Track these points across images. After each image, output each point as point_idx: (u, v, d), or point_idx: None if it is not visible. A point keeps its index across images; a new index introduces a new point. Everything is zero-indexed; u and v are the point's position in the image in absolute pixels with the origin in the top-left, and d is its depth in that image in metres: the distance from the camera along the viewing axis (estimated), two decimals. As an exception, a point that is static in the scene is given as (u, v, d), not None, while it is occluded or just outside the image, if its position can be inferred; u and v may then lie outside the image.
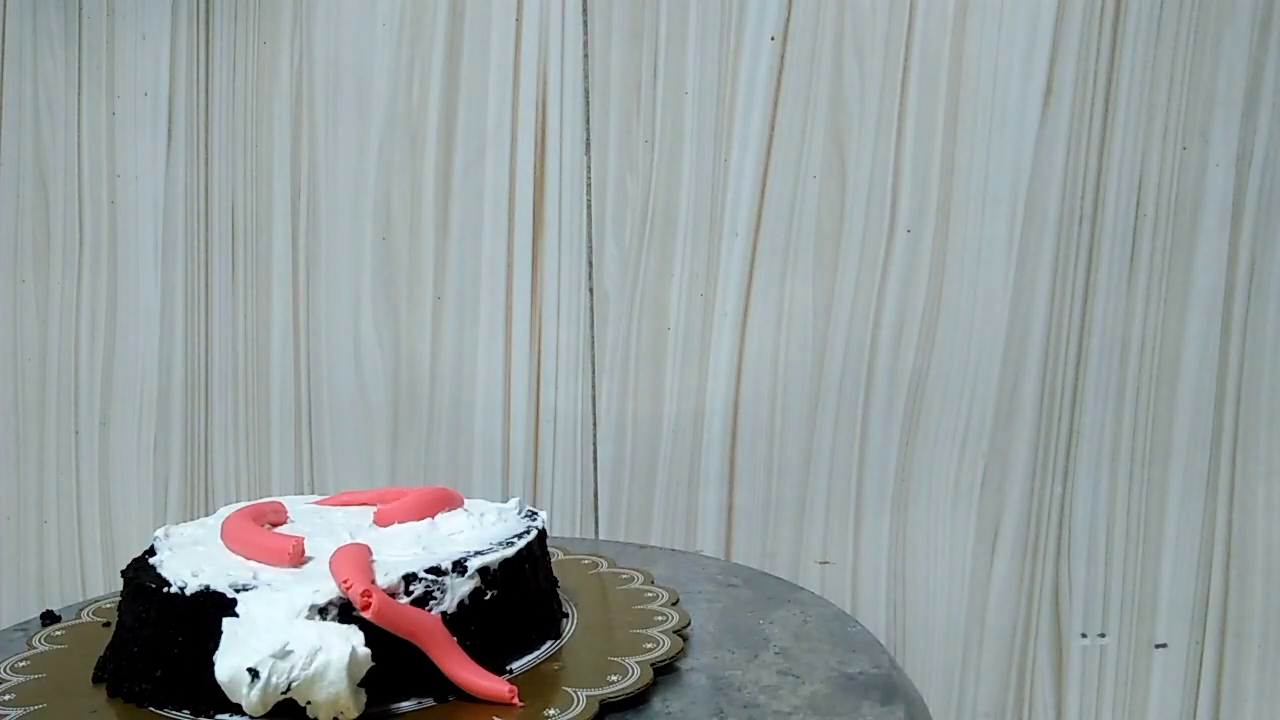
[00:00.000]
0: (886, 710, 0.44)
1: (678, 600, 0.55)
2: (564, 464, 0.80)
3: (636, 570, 0.60)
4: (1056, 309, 0.75)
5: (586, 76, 0.78)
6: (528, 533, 0.50)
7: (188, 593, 0.43)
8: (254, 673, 0.39)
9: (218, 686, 0.40)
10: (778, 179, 0.76)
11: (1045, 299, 0.75)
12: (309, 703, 0.39)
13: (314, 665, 0.39)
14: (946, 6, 0.73)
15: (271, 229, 0.83)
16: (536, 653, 0.48)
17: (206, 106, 0.83)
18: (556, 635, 0.50)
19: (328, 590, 0.42)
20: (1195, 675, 0.76)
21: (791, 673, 0.48)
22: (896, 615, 0.78)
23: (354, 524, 0.51)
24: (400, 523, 0.50)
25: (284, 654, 0.39)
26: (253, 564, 0.45)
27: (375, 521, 0.51)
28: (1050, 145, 0.73)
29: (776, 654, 0.50)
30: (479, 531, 0.49)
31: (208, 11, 0.82)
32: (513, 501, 0.54)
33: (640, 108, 0.77)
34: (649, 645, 0.48)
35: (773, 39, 0.75)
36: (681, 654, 0.49)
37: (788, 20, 0.75)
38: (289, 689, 0.39)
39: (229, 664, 0.39)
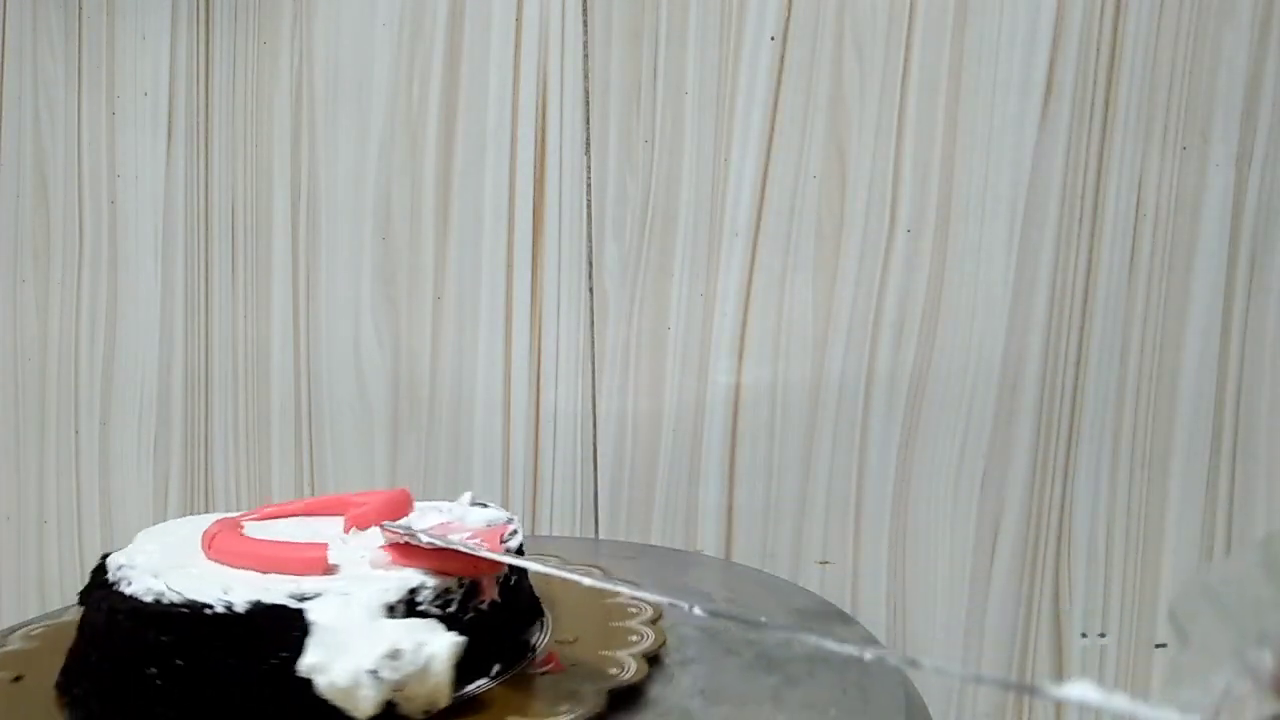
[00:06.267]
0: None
1: (658, 618, 0.54)
2: (564, 463, 0.80)
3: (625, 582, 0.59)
4: (1056, 309, 0.75)
5: (586, 77, 0.78)
6: (516, 532, 0.50)
7: (238, 610, 0.40)
8: (374, 674, 0.39)
9: (284, 702, 0.39)
10: (778, 179, 0.76)
11: (1045, 299, 0.75)
12: (406, 697, 0.40)
13: (422, 659, 0.40)
14: (946, 6, 0.73)
15: (271, 229, 0.83)
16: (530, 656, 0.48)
17: (206, 106, 0.83)
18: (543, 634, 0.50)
19: (396, 588, 0.42)
20: (1195, 675, 0.76)
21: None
22: (896, 615, 0.78)
23: (328, 532, 0.49)
24: (377, 525, 0.50)
25: (396, 653, 0.39)
26: (269, 576, 0.43)
27: (352, 528, 0.49)
28: (1050, 145, 0.73)
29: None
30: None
31: (208, 11, 0.82)
32: (465, 496, 0.53)
33: (640, 108, 0.77)
34: (634, 638, 0.49)
35: (773, 39, 0.75)
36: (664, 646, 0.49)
37: (788, 20, 0.75)
38: (401, 686, 0.40)
39: (344, 669, 0.39)
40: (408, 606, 0.42)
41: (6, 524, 0.88)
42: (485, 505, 0.52)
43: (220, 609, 0.41)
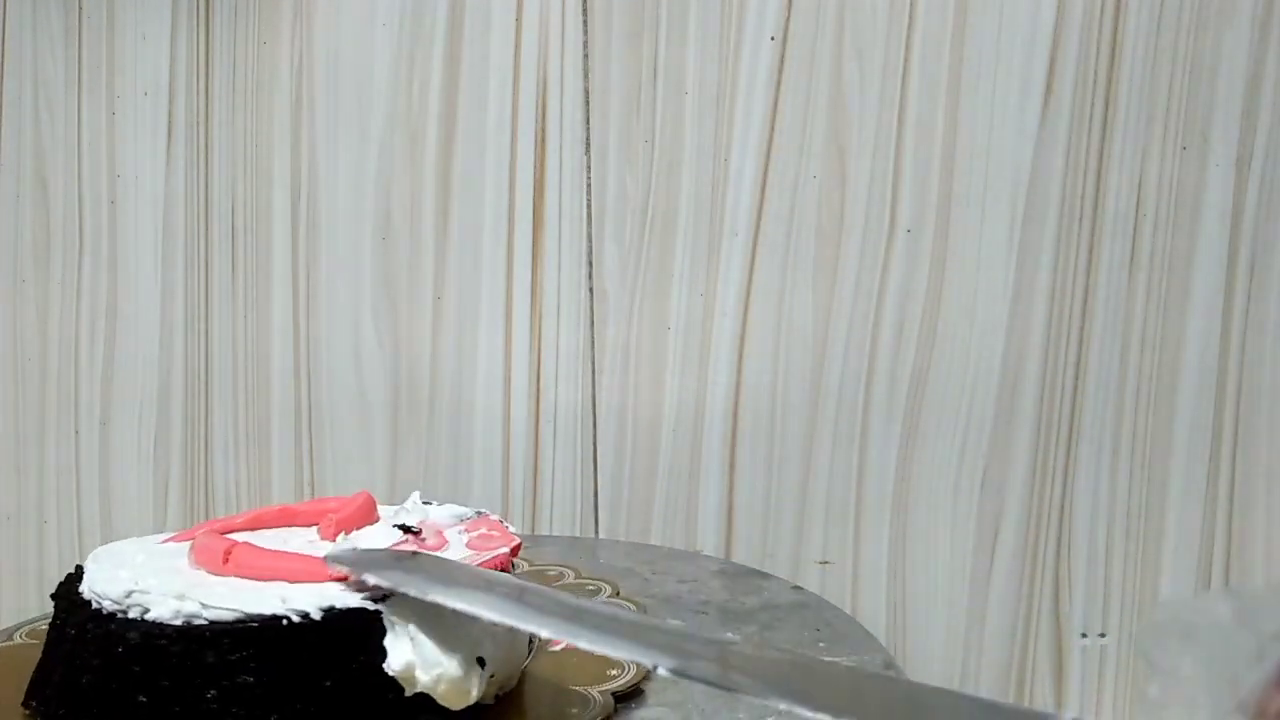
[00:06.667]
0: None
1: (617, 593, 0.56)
2: (564, 463, 0.80)
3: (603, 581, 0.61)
4: (1056, 309, 0.75)
5: (586, 76, 0.78)
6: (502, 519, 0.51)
7: (315, 617, 0.40)
8: (481, 661, 0.40)
9: (365, 704, 0.40)
10: (778, 179, 0.76)
11: (1045, 299, 0.75)
12: (491, 681, 0.42)
13: (513, 643, 0.42)
14: (946, 6, 0.73)
15: (271, 229, 0.83)
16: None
17: (206, 106, 0.83)
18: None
19: None
20: (1195, 675, 0.76)
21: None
22: (896, 615, 0.78)
23: (308, 540, 0.49)
24: (360, 529, 0.49)
25: (494, 639, 0.41)
26: (301, 585, 0.42)
27: (332, 535, 0.49)
28: (1050, 145, 0.73)
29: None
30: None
31: (208, 11, 0.82)
32: (415, 495, 0.52)
33: (640, 108, 0.77)
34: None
35: (773, 39, 0.75)
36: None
37: (788, 20, 0.75)
38: (494, 671, 0.41)
39: (455, 661, 0.39)
40: None
41: (6, 524, 0.88)
42: (431, 503, 0.52)
43: (295, 619, 0.39)
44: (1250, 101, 0.71)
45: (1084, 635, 0.76)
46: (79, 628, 0.42)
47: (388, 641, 0.40)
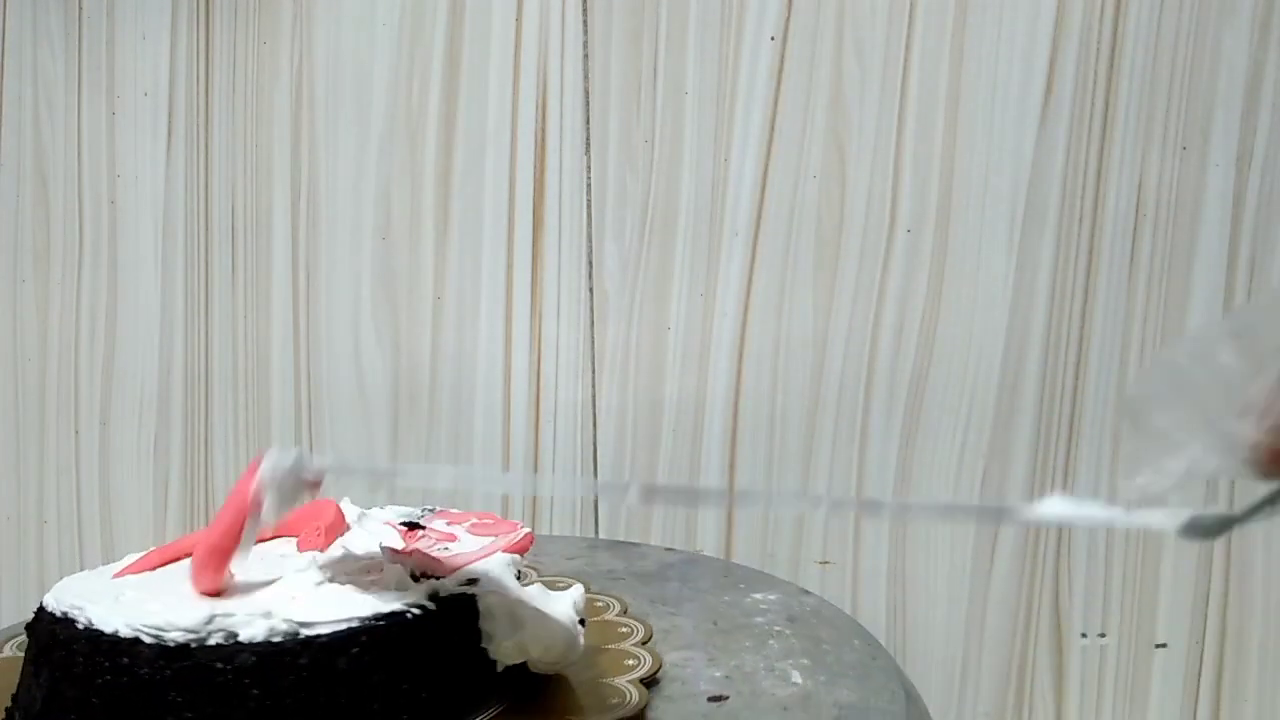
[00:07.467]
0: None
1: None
2: (564, 464, 0.80)
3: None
4: (1056, 309, 0.75)
5: (586, 77, 0.78)
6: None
7: (431, 608, 0.42)
8: (583, 620, 0.44)
9: (470, 680, 0.42)
10: (778, 179, 0.76)
11: (1045, 299, 0.75)
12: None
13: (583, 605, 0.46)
14: (946, 6, 0.73)
15: (271, 229, 0.83)
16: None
17: (206, 106, 0.83)
18: None
19: (515, 563, 0.45)
20: (1195, 675, 0.76)
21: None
22: (896, 615, 0.78)
23: (282, 553, 0.47)
24: (340, 536, 0.48)
25: (576, 605, 0.44)
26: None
27: (323, 544, 0.47)
28: (1050, 145, 0.73)
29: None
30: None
31: (208, 11, 0.82)
32: (345, 500, 0.51)
33: (640, 108, 0.77)
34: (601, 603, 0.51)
35: (773, 39, 0.75)
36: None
37: (788, 20, 0.75)
38: None
39: (559, 622, 0.43)
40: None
41: (6, 524, 0.88)
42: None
43: (416, 612, 0.41)
44: (1250, 101, 0.72)
45: (1084, 635, 0.76)
46: (151, 666, 0.37)
47: (482, 622, 0.42)
